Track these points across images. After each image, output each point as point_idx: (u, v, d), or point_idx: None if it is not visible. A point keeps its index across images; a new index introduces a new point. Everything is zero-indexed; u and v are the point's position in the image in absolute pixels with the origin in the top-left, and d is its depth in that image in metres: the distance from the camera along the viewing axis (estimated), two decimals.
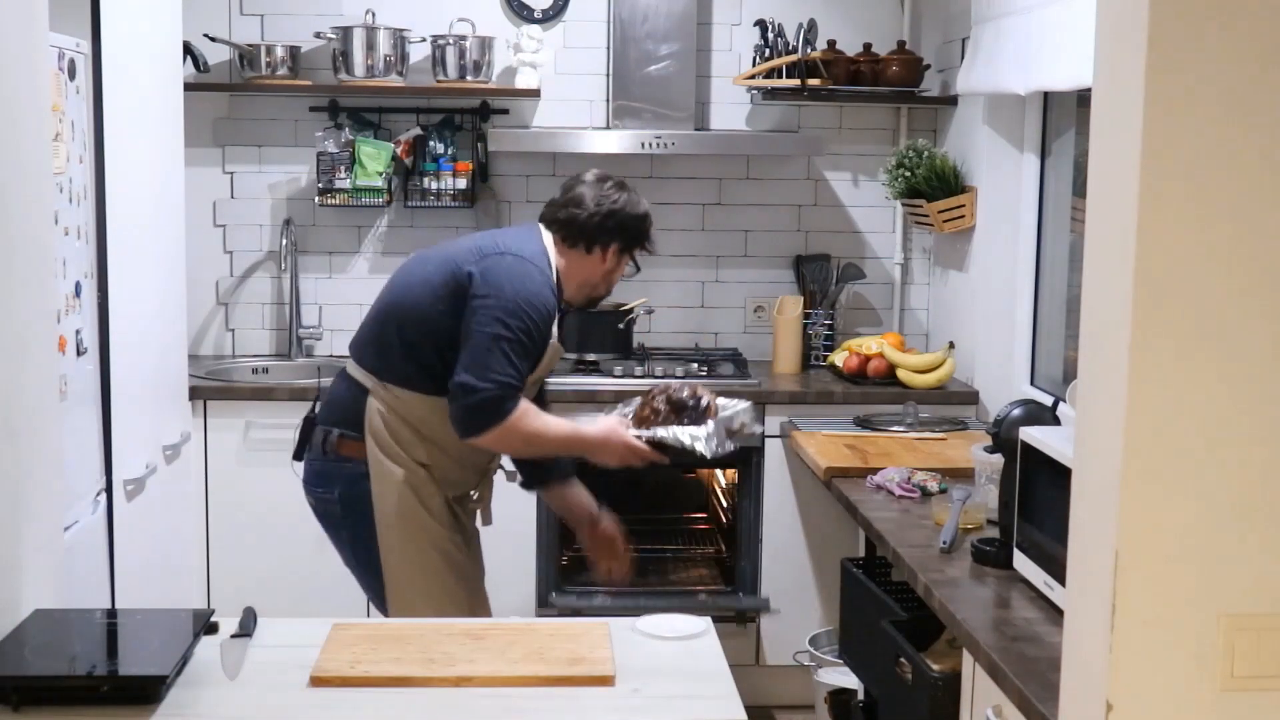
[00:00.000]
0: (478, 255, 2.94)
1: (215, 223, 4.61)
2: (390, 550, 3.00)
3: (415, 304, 2.97)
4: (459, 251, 2.99)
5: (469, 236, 3.14)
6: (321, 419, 3.09)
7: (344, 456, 3.02)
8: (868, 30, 4.58)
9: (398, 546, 3.00)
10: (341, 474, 3.03)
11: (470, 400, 2.84)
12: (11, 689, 2.00)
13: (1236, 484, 1.58)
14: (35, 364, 2.35)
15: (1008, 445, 2.65)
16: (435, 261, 3.01)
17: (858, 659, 3.15)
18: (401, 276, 3.10)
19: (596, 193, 3.08)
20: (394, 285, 3.09)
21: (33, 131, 2.37)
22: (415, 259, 3.14)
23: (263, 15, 4.52)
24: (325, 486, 3.06)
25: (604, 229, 3.07)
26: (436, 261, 3.00)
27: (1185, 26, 1.51)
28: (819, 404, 4.18)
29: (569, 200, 3.08)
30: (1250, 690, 1.61)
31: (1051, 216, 4.08)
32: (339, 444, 3.03)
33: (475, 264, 2.92)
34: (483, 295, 2.87)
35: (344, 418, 3.03)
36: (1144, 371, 1.55)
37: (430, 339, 2.95)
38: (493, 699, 2.09)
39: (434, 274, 2.97)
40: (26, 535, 2.27)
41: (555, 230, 3.07)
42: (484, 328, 2.85)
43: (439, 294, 2.93)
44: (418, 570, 3.00)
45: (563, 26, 4.60)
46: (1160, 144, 1.52)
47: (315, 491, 3.10)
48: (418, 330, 2.96)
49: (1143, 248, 1.53)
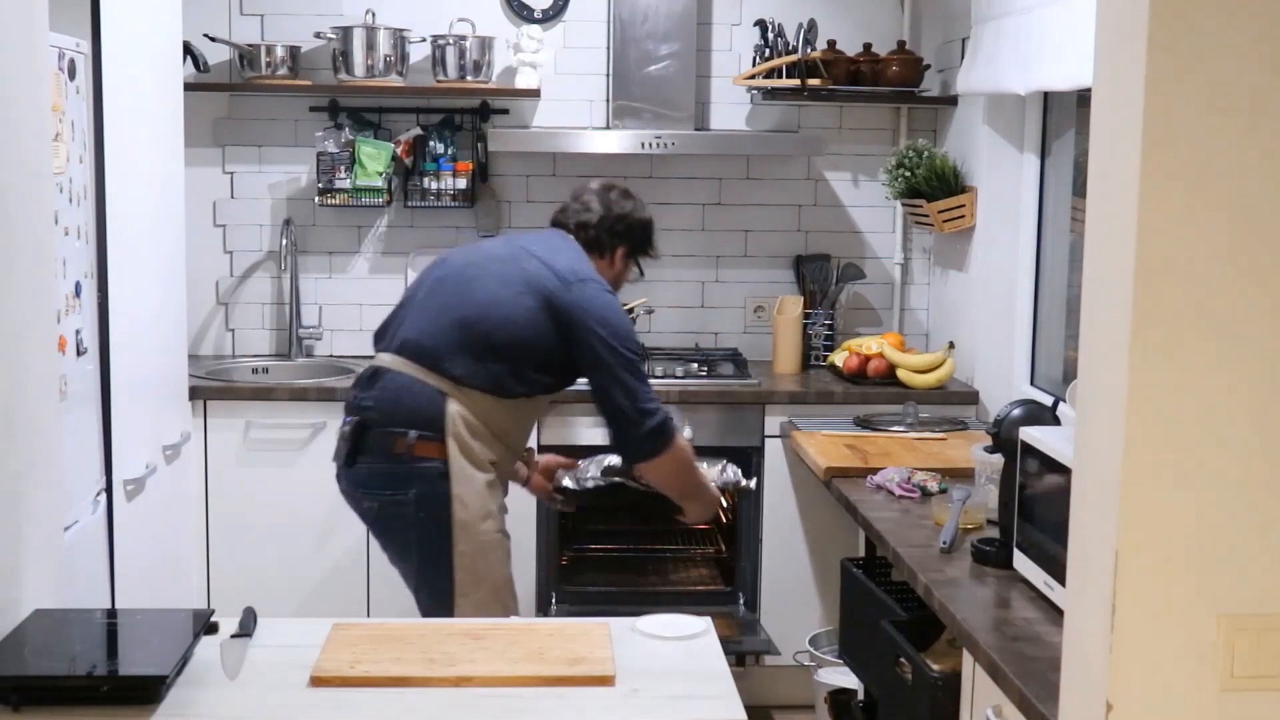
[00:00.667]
0: (562, 283, 3.16)
1: (215, 223, 4.61)
2: (464, 553, 3.10)
3: (508, 322, 3.13)
4: (538, 275, 3.17)
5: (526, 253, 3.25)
6: (385, 423, 3.11)
7: (420, 457, 3.08)
8: (868, 30, 4.58)
9: (471, 549, 3.11)
10: (418, 474, 3.09)
11: (645, 428, 3.17)
12: (11, 689, 2.00)
13: (1236, 484, 1.58)
14: (35, 364, 2.35)
15: (1008, 445, 2.65)
16: (516, 282, 3.16)
17: (858, 659, 3.15)
18: (479, 291, 3.17)
19: (604, 199, 3.36)
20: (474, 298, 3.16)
21: (33, 131, 2.37)
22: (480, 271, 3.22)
23: (263, 15, 4.52)
24: (396, 489, 3.10)
25: (614, 233, 3.34)
26: (518, 282, 3.16)
27: (1185, 26, 1.51)
28: (819, 404, 4.18)
29: (581, 207, 3.35)
30: (1250, 690, 1.61)
31: (1051, 216, 4.08)
32: (415, 445, 3.09)
33: (567, 293, 3.15)
34: (597, 327, 3.14)
35: (421, 420, 3.10)
36: (1144, 371, 1.55)
37: (524, 356, 3.15)
38: (493, 699, 2.09)
39: (524, 297, 3.14)
40: (26, 535, 2.27)
41: (575, 236, 3.32)
42: (619, 360, 3.15)
43: (537, 319, 3.14)
44: (486, 569, 3.13)
45: (563, 26, 4.60)
46: (1160, 143, 1.52)
47: (381, 495, 3.13)
48: (511, 346, 3.13)
49: (1143, 247, 1.53)
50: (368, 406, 3.16)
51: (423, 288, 3.29)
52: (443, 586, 3.11)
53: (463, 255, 3.35)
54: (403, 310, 3.30)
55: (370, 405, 3.16)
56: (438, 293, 3.23)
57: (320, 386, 4.17)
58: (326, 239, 4.64)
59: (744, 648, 4.09)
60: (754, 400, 4.16)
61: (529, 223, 4.66)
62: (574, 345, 3.15)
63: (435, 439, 3.09)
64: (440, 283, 3.25)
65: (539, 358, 3.16)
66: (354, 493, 3.20)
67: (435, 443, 3.09)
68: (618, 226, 3.34)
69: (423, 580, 3.18)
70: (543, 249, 3.25)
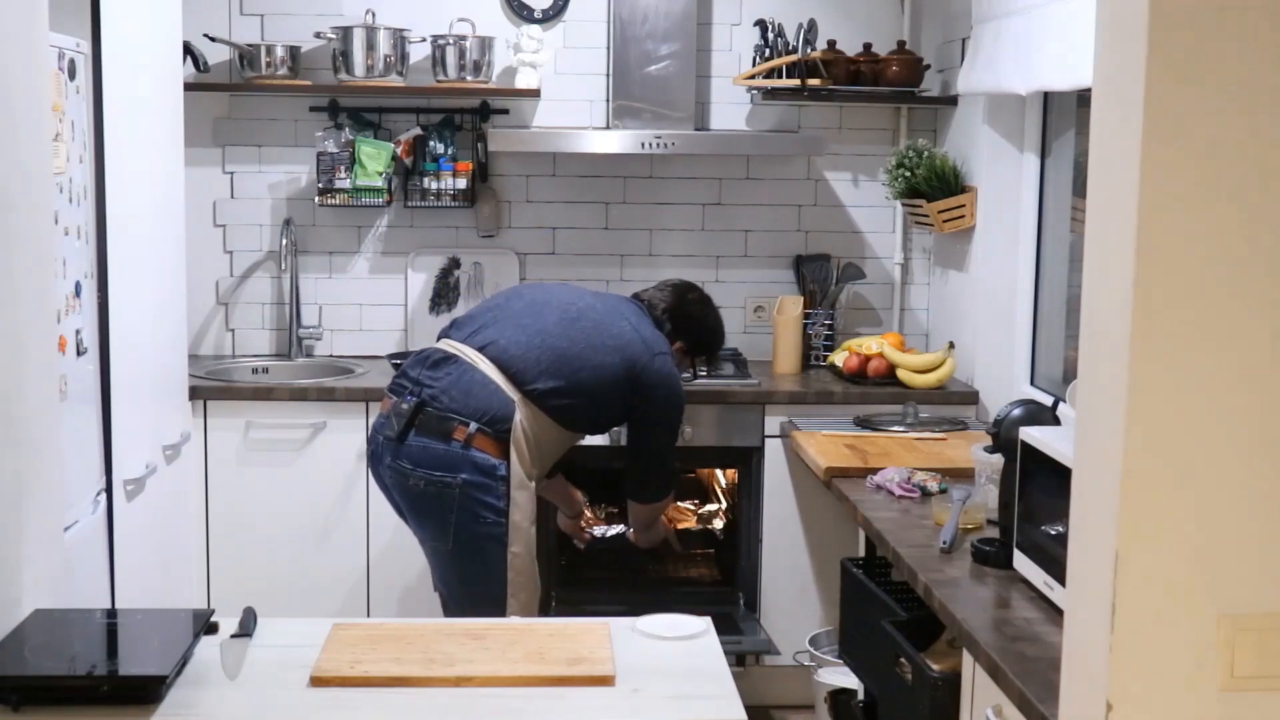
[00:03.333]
0: (647, 352, 3.48)
1: (215, 223, 4.61)
2: (518, 554, 3.34)
3: (598, 369, 3.42)
4: (629, 338, 3.49)
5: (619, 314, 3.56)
6: (450, 408, 3.29)
7: (478, 449, 3.28)
8: (868, 30, 4.58)
9: (523, 551, 3.36)
10: (472, 463, 3.27)
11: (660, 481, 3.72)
12: (11, 689, 2.00)
13: (1236, 484, 1.58)
14: (35, 364, 2.35)
15: (1008, 445, 2.65)
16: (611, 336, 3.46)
17: (858, 659, 3.15)
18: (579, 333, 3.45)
19: (679, 292, 3.76)
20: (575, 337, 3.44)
21: (33, 131, 2.37)
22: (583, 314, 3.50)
23: (263, 15, 4.52)
24: (449, 471, 3.26)
25: (677, 326, 3.69)
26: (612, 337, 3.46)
27: (1185, 26, 1.51)
28: (819, 404, 4.18)
29: (655, 293, 3.75)
30: (1250, 690, 1.61)
31: (1051, 216, 4.08)
32: (474, 437, 3.28)
33: (651, 362, 3.48)
34: (662, 397, 3.51)
35: (487, 416, 3.30)
36: (1144, 371, 1.55)
37: (594, 401, 3.43)
38: (493, 699, 2.09)
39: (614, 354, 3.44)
40: (26, 535, 2.28)
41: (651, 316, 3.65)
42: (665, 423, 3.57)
43: (619, 375, 3.44)
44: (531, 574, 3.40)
45: (563, 26, 4.60)
46: (1160, 143, 1.52)
47: (431, 474, 3.28)
48: (590, 389, 3.41)
49: (1143, 248, 1.53)
50: (433, 389, 3.33)
51: (519, 301, 3.56)
52: (489, 582, 3.30)
53: (565, 292, 3.63)
54: (489, 314, 3.52)
55: (437, 388, 3.32)
56: (538, 316, 3.47)
57: (320, 386, 4.17)
58: (326, 239, 4.64)
59: (744, 648, 4.09)
60: (754, 400, 4.16)
61: (529, 223, 4.67)
62: (638, 403, 3.48)
63: (495, 438, 3.29)
64: (541, 307, 3.51)
65: (604, 405, 3.46)
66: (400, 468, 3.32)
67: (495, 441, 3.29)
68: (685, 324, 3.71)
69: (456, 568, 3.36)
70: (633, 315, 3.58)
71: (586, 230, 4.69)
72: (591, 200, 4.69)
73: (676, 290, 3.75)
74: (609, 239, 4.69)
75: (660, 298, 3.72)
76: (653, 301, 3.70)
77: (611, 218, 4.69)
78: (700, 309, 3.77)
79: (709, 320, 3.79)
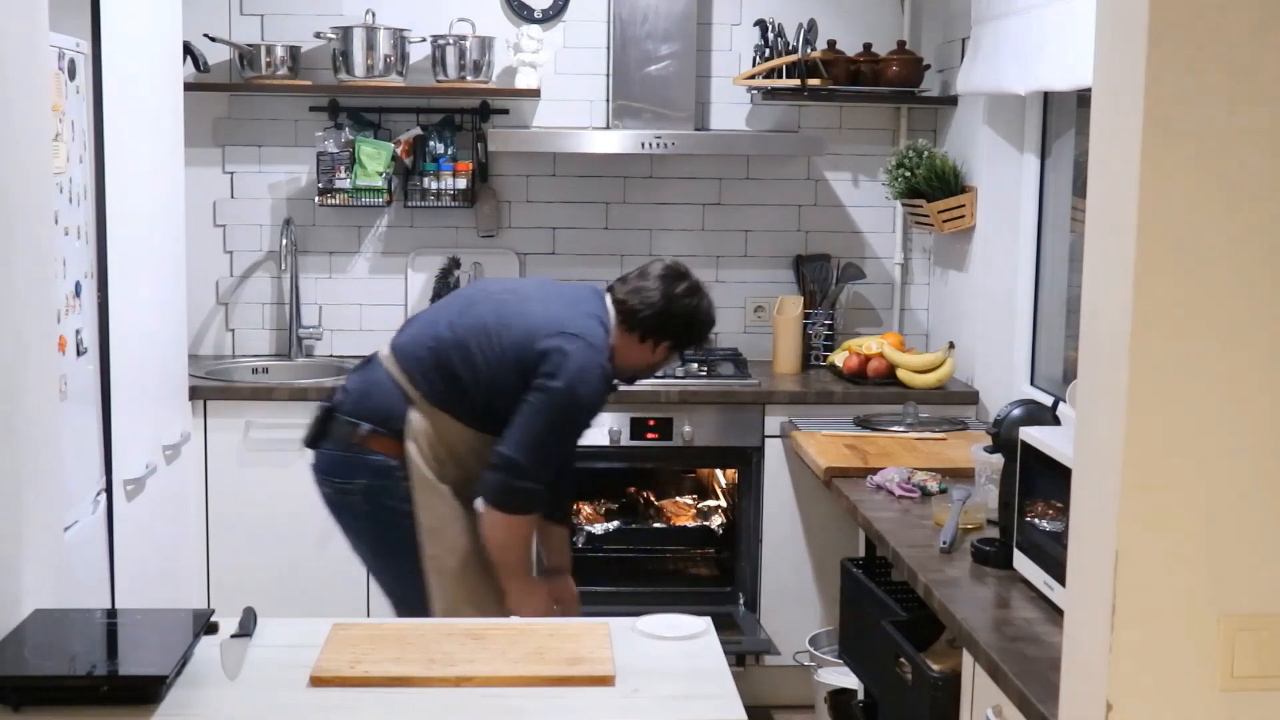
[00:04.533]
0: (554, 330, 3.04)
1: (215, 223, 4.61)
2: (435, 557, 3.09)
3: (485, 355, 3.07)
4: (538, 322, 3.08)
5: (543, 292, 3.24)
6: (348, 411, 3.14)
7: (370, 450, 3.09)
8: (868, 30, 4.58)
9: (442, 553, 3.09)
10: (367, 466, 3.09)
11: (519, 484, 3.02)
12: (11, 689, 2.00)
13: (1237, 484, 1.58)
14: (35, 364, 2.35)
15: (1008, 445, 2.65)
16: (516, 328, 3.08)
17: (858, 659, 3.15)
18: (477, 318, 3.13)
19: (667, 290, 3.16)
20: (469, 324, 3.13)
21: (33, 131, 2.37)
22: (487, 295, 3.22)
23: (263, 15, 4.52)
24: (347, 477, 3.12)
25: (661, 327, 3.16)
26: (518, 328, 3.08)
27: (1185, 26, 1.51)
28: (819, 404, 4.18)
29: (639, 289, 3.16)
30: (1250, 690, 1.61)
31: (1051, 216, 4.08)
32: (367, 438, 3.09)
33: (550, 340, 3.03)
34: (550, 378, 3.00)
35: (381, 416, 3.10)
36: (1144, 371, 1.55)
37: (490, 392, 3.07)
38: (493, 699, 2.09)
39: (512, 339, 3.06)
40: (26, 535, 2.27)
41: (618, 310, 3.15)
42: (547, 416, 3.02)
43: (511, 361, 3.05)
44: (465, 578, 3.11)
45: (563, 26, 4.60)
46: (1160, 143, 1.52)
47: (334, 481, 3.15)
48: (480, 379, 3.07)
49: (1143, 247, 1.53)
50: (340, 394, 3.20)
51: (459, 299, 3.32)
52: (409, 585, 3.13)
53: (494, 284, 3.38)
54: (425, 312, 3.36)
55: (343, 392, 3.20)
56: (447, 308, 3.26)
57: (320, 386, 4.16)
58: (326, 239, 4.64)
59: (744, 648, 4.09)
60: (754, 400, 4.16)
61: (529, 223, 4.66)
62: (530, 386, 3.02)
63: (390, 437, 3.08)
64: (473, 302, 3.24)
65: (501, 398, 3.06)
66: (314, 476, 3.21)
67: (391, 440, 3.08)
68: (669, 322, 3.17)
69: (381, 573, 3.24)
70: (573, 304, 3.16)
71: (586, 230, 4.69)
72: (591, 200, 4.69)
73: (664, 285, 3.16)
74: (609, 239, 4.69)
75: (643, 301, 3.15)
76: (632, 307, 3.14)
77: (611, 218, 4.69)
78: (691, 303, 3.19)
79: (700, 313, 3.22)
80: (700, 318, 3.22)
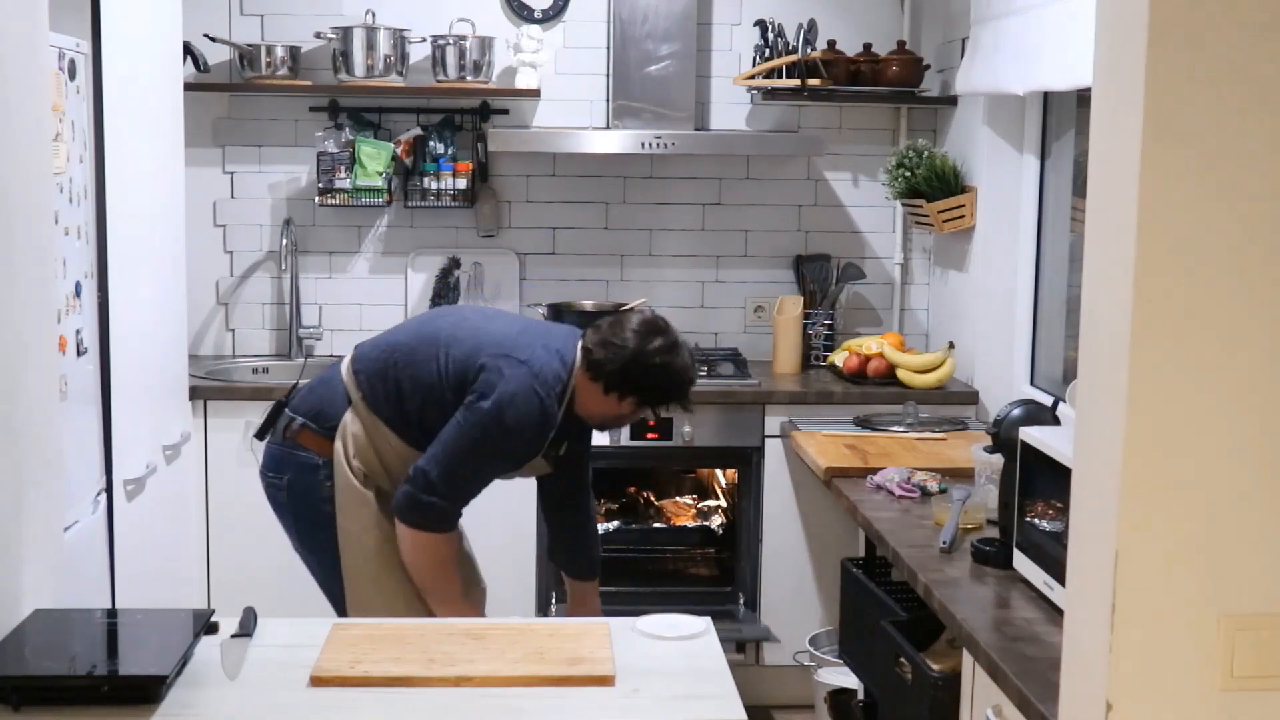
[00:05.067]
0: (499, 352, 2.95)
1: (215, 223, 4.61)
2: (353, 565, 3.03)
3: (430, 366, 3.00)
4: (486, 341, 2.99)
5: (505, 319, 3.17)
6: (293, 405, 3.14)
7: (300, 445, 3.08)
8: (868, 30, 4.58)
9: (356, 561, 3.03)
10: (294, 462, 3.09)
11: (426, 498, 2.90)
12: (11, 689, 2.00)
13: (1236, 484, 1.58)
14: (35, 364, 2.35)
15: (1008, 445, 2.65)
16: (466, 344, 3.00)
17: (858, 659, 3.15)
18: (430, 328, 3.10)
19: (639, 345, 2.97)
20: (420, 331, 3.11)
21: (33, 131, 2.37)
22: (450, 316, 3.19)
23: (263, 15, 4.52)
24: (276, 471, 3.12)
25: (626, 382, 2.98)
26: (467, 344, 3.00)
27: (1185, 26, 1.51)
28: (819, 404, 4.18)
29: (609, 342, 2.98)
30: (1250, 690, 1.61)
31: (1051, 216, 4.08)
32: (299, 433, 3.08)
33: (491, 360, 2.94)
34: (481, 397, 2.90)
35: (316, 412, 3.09)
36: (1144, 371, 1.55)
37: (426, 404, 3.00)
38: (493, 699, 2.10)
39: (459, 354, 2.99)
40: (26, 535, 2.27)
41: (584, 357, 3.00)
42: (469, 434, 2.89)
43: (453, 376, 2.97)
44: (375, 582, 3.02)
45: (563, 26, 4.60)
46: (1160, 143, 1.52)
47: (266, 475, 3.15)
48: (419, 390, 3.01)
49: (1143, 247, 1.53)
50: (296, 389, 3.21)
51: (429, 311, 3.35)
52: (331, 583, 3.11)
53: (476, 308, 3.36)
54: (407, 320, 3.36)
55: (297, 388, 3.21)
56: (419, 318, 3.27)
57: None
58: (326, 239, 4.64)
59: (743, 635, 4.11)
60: (754, 400, 4.16)
61: (529, 223, 4.66)
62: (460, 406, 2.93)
63: (322, 434, 3.05)
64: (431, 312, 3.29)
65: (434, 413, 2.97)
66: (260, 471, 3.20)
67: (322, 438, 3.05)
68: (634, 380, 2.97)
69: (313, 569, 3.19)
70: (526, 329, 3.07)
71: (586, 230, 4.69)
72: (591, 200, 4.69)
73: (636, 340, 2.97)
74: (609, 239, 4.69)
75: (610, 353, 2.96)
76: (597, 358, 2.96)
77: (611, 218, 4.69)
78: (663, 360, 2.97)
79: (673, 372, 3.00)
80: (673, 377, 3.01)
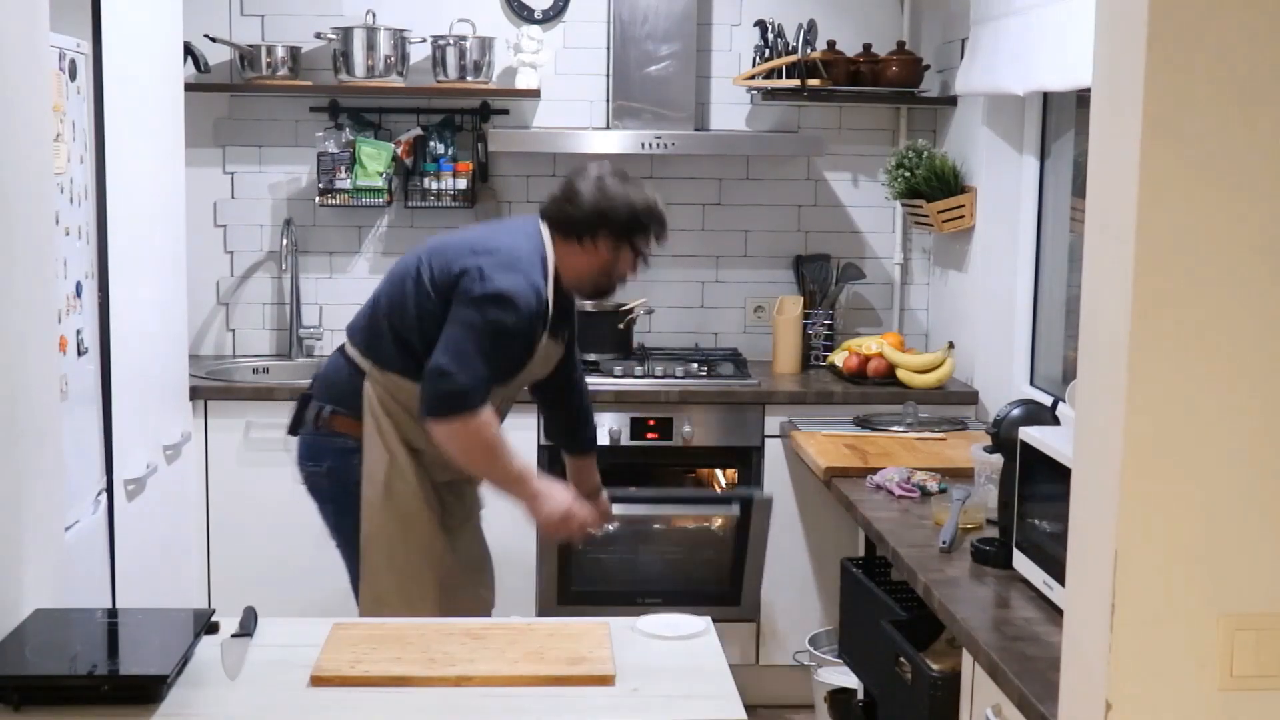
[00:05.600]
0: (469, 252, 2.97)
1: (216, 223, 4.61)
2: (370, 535, 3.04)
3: (405, 298, 3.02)
4: (452, 247, 3.02)
5: (466, 231, 3.21)
6: (316, 394, 3.16)
7: (335, 431, 3.09)
8: (867, 30, 4.59)
9: (377, 531, 3.04)
10: (332, 448, 3.10)
11: (443, 386, 2.86)
12: (12, 689, 2.00)
13: (1236, 484, 1.58)
14: (35, 364, 2.35)
15: (1007, 445, 2.65)
16: (430, 259, 3.03)
17: (858, 659, 3.15)
18: (399, 268, 3.13)
19: (590, 185, 3.05)
20: (391, 276, 3.14)
21: (33, 131, 2.37)
22: (414, 251, 3.16)
23: (263, 16, 4.52)
24: (315, 460, 3.13)
25: (590, 222, 3.03)
26: (433, 260, 3.02)
27: (1184, 26, 1.51)
28: (819, 404, 4.18)
29: (564, 194, 3.07)
30: (1250, 690, 1.62)
31: (1051, 216, 4.08)
32: (331, 419, 3.09)
33: (466, 260, 2.94)
34: (466, 290, 2.90)
35: (339, 395, 3.10)
36: (1144, 371, 1.55)
37: (419, 333, 2.99)
38: (493, 699, 2.10)
39: (426, 270, 3.00)
40: (26, 535, 2.28)
41: (549, 223, 3.07)
42: (464, 320, 2.89)
43: (428, 290, 2.97)
44: (390, 556, 3.05)
45: (563, 27, 4.60)
46: (1160, 143, 1.52)
47: (305, 465, 3.16)
48: (406, 322, 3.01)
49: (1142, 247, 1.53)
50: (313, 379, 3.23)
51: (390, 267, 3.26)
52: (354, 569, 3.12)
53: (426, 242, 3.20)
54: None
55: (315, 378, 3.23)
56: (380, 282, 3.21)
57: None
58: (327, 239, 4.64)
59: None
60: (754, 400, 4.16)
61: None
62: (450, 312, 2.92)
63: (350, 415, 3.06)
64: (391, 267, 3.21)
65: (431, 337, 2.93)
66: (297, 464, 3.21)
67: (351, 419, 3.06)
68: (595, 215, 3.02)
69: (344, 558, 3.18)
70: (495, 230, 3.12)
71: None
72: None
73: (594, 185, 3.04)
74: None
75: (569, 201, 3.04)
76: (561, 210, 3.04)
77: None
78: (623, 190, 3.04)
79: (637, 198, 3.05)
80: (638, 203, 3.05)
